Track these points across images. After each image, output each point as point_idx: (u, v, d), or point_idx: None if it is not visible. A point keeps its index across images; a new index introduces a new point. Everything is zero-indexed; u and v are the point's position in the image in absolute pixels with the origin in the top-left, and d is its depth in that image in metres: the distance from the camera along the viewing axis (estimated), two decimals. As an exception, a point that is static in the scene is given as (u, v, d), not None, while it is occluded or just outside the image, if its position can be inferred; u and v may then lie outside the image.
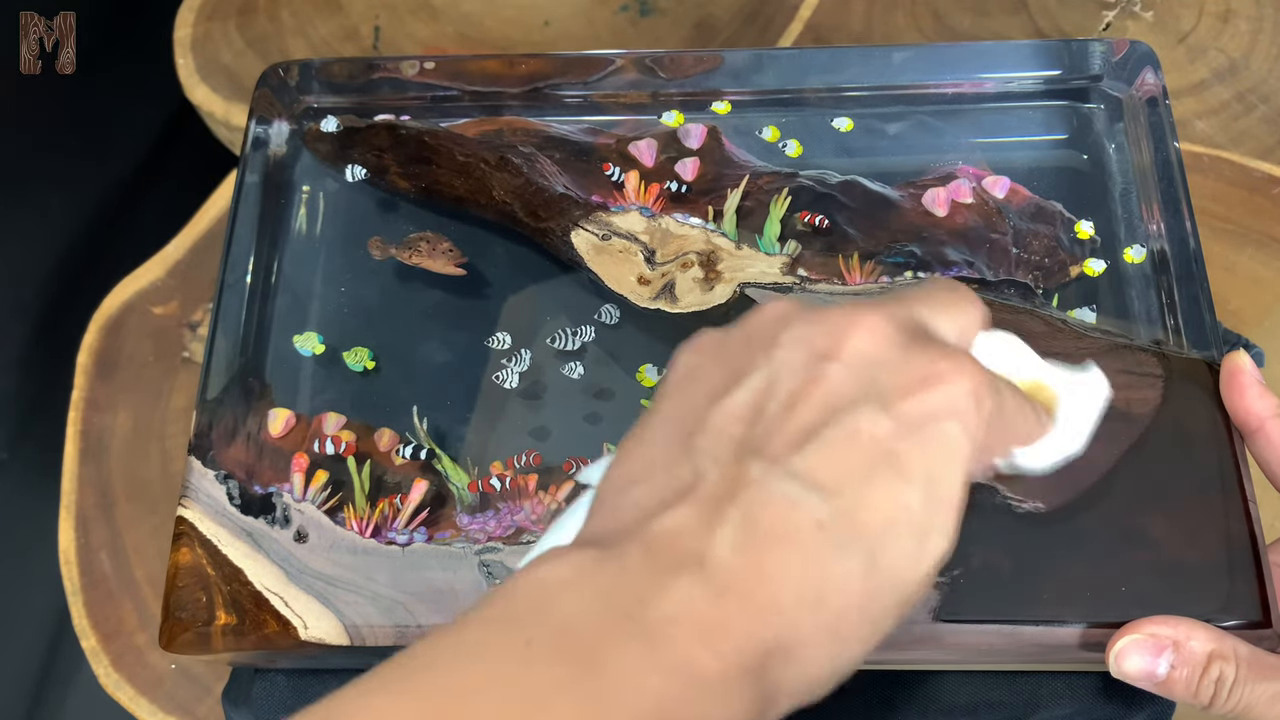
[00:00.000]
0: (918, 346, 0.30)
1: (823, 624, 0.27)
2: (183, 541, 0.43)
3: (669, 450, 0.29)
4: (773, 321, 0.31)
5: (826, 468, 0.28)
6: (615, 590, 0.26)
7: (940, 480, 0.28)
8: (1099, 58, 0.52)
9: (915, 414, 0.28)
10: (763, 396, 0.29)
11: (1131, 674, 0.37)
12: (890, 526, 0.28)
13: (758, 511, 0.27)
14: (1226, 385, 0.42)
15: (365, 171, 0.51)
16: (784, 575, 0.27)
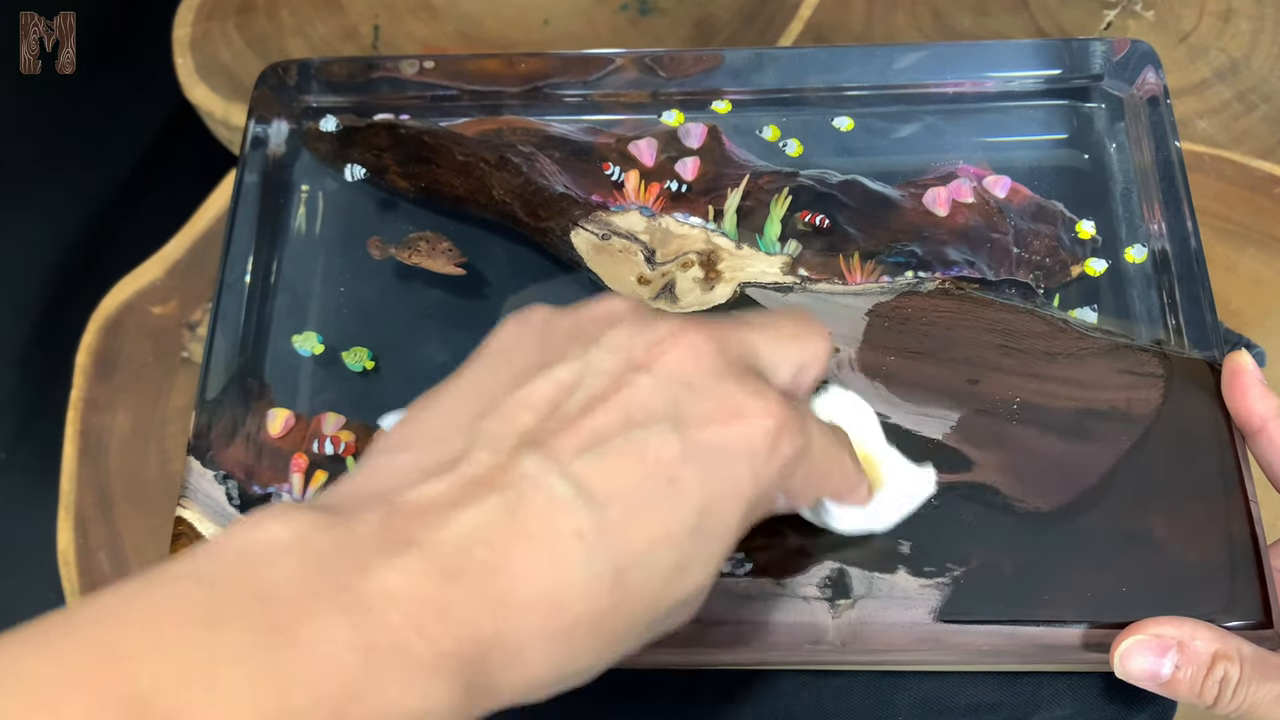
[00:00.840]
0: (733, 377, 0.29)
1: (555, 629, 0.26)
2: (182, 542, 0.43)
3: (452, 422, 0.29)
4: (602, 318, 0.30)
5: (603, 478, 0.27)
6: (334, 557, 0.25)
7: (714, 514, 0.28)
8: (1100, 57, 0.52)
9: (707, 443, 0.28)
10: (564, 392, 0.29)
11: (1135, 674, 0.37)
12: (651, 550, 0.27)
13: (518, 504, 0.27)
14: (1228, 385, 0.42)
15: (365, 171, 0.51)
16: (526, 573, 0.26)
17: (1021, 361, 0.44)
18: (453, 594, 0.25)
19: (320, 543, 0.25)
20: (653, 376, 0.29)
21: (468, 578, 0.26)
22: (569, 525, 0.27)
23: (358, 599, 0.24)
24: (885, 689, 0.43)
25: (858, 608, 0.40)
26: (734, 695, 0.44)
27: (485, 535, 0.26)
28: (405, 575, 0.25)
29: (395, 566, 0.25)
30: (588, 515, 0.27)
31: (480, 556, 0.26)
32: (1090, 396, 0.43)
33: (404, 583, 0.25)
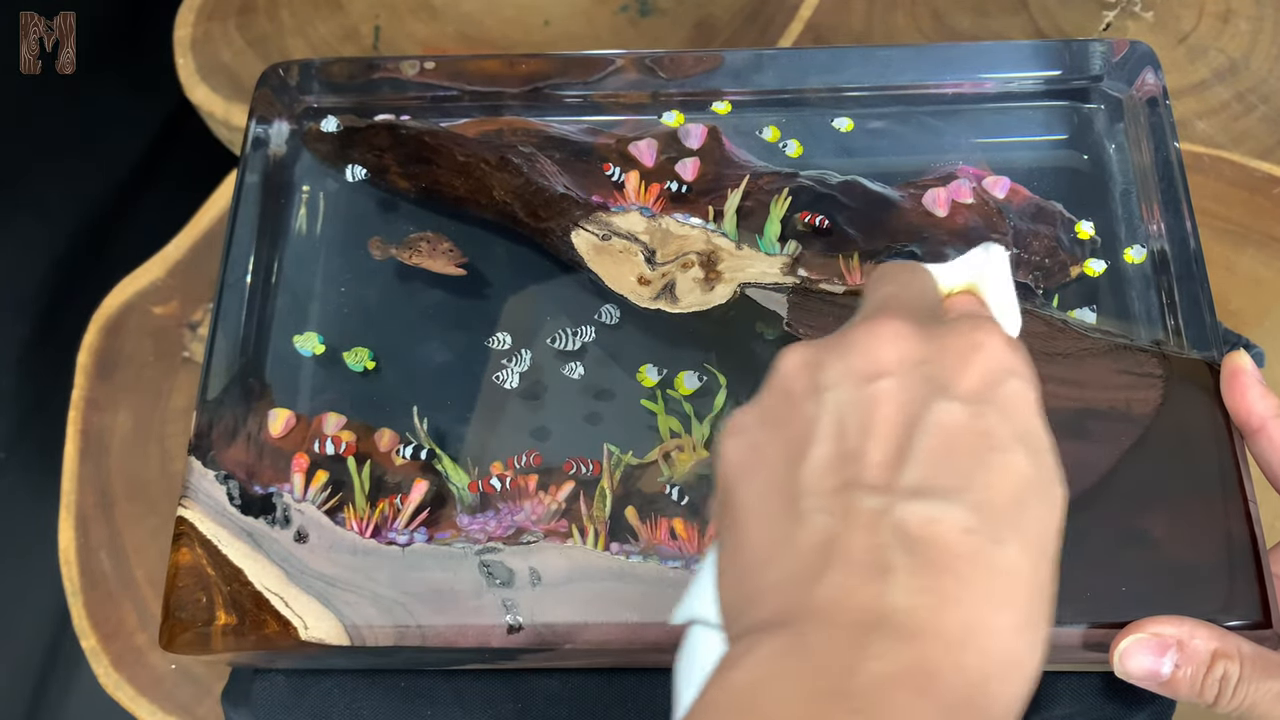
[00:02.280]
0: (938, 327, 0.30)
1: (1016, 618, 0.27)
2: (183, 541, 0.43)
3: (778, 528, 0.28)
4: (802, 369, 0.30)
5: (937, 474, 0.27)
6: (813, 672, 0.25)
7: (1031, 433, 0.29)
8: (1099, 58, 0.52)
9: (979, 386, 0.29)
10: (839, 440, 0.28)
11: (1136, 673, 0.37)
12: (1020, 496, 0.28)
13: (905, 542, 0.26)
14: (1227, 385, 0.42)
15: (365, 171, 0.51)
16: (963, 594, 0.26)
17: (1021, 362, 0.44)
18: (927, 653, 0.25)
19: (792, 665, 0.25)
20: (890, 375, 0.29)
21: (928, 632, 0.26)
22: (954, 529, 0.27)
23: (856, 700, 0.25)
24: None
25: (858, 607, 0.40)
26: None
27: (910, 589, 0.26)
28: (881, 660, 0.25)
29: (868, 658, 0.25)
30: (958, 510, 0.27)
31: (922, 608, 0.26)
32: (1090, 396, 0.43)
33: (885, 666, 0.25)
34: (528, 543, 0.42)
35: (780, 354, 0.31)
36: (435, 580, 0.42)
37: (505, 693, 0.44)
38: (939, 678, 0.25)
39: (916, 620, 0.26)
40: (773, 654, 0.26)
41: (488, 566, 0.42)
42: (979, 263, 0.35)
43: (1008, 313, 0.35)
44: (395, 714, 0.44)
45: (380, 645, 0.41)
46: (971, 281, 0.35)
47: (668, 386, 0.45)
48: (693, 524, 0.43)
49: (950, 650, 0.25)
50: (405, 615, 0.41)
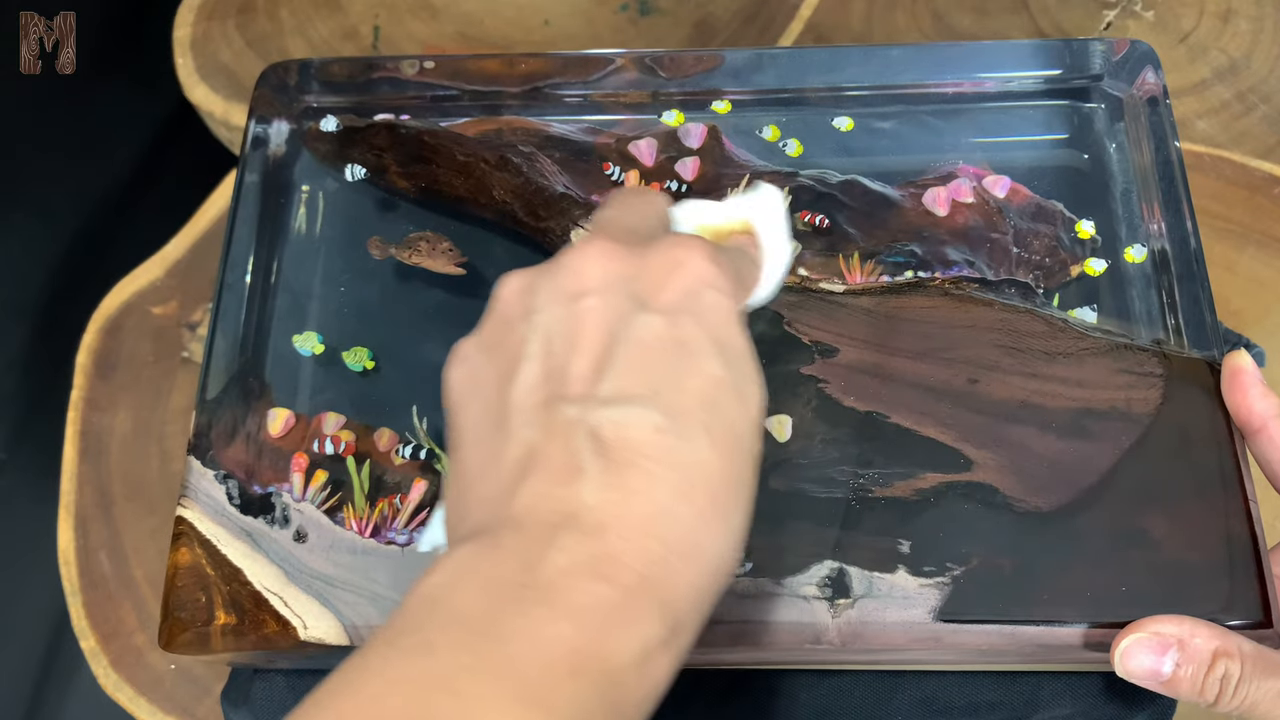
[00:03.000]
0: (645, 247, 0.32)
1: (701, 507, 0.28)
2: (182, 541, 0.43)
3: (489, 446, 0.30)
4: (517, 294, 0.32)
5: (633, 380, 0.29)
6: (501, 571, 0.27)
7: (727, 340, 0.31)
8: (1099, 57, 0.52)
9: (678, 299, 0.31)
10: (546, 358, 0.30)
11: (1136, 673, 0.37)
12: (712, 397, 0.30)
13: (597, 446, 0.28)
14: (1228, 385, 0.42)
15: (365, 171, 0.51)
16: (650, 485, 0.28)
17: (1021, 361, 0.44)
18: (610, 543, 0.27)
19: (482, 566, 0.27)
20: (594, 293, 0.31)
21: (613, 523, 0.28)
22: (645, 428, 0.29)
23: (538, 590, 0.27)
24: (885, 689, 0.43)
25: (857, 607, 0.40)
26: (733, 695, 0.44)
27: (599, 486, 0.28)
28: (567, 551, 0.27)
29: (555, 549, 0.27)
30: (650, 411, 0.29)
31: (609, 503, 0.28)
32: (1090, 396, 0.43)
33: (569, 558, 0.27)
34: (527, 542, 0.42)
35: (499, 281, 0.33)
36: (435, 580, 0.42)
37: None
38: (619, 563, 0.27)
39: (602, 515, 0.28)
40: (464, 556, 0.28)
41: (487, 566, 0.42)
42: (754, 202, 0.38)
43: (779, 248, 0.37)
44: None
45: (380, 645, 0.41)
46: (747, 219, 0.37)
47: (667, 386, 0.45)
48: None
49: (632, 538, 0.28)
50: (405, 615, 0.41)
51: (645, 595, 0.27)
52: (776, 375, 0.45)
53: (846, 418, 0.43)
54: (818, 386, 0.44)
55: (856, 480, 0.42)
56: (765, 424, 0.32)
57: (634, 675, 0.27)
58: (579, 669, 0.26)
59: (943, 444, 0.43)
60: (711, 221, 0.37)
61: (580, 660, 0.26)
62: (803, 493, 0.42)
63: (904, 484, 0.42)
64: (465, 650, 0.26)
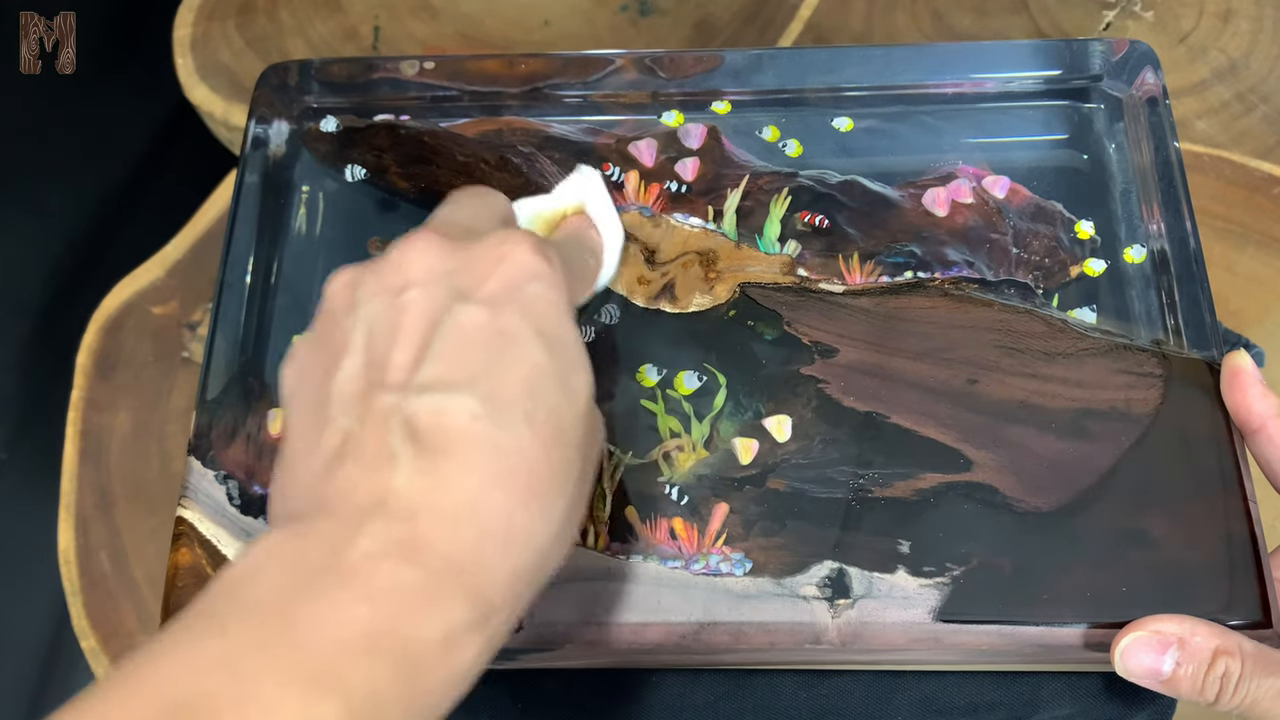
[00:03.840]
0: (471, 241, 0.33)
1: (517, 494, 0.29)
2: (182, 542, 0.43)
3: (311, 434, 0.31)
4: (342, 289, 0.33)
5: (451, 368, 0.30)
6: (306, 555, 0.27)
7: (551, 330, 0.31)
8: (1099, 57, 0.52)
9: (500, 290, 0.31)
10: (368, 349, 0.31)
11: (1136, 672, 0.37)
12: (533, 385, 0.30)
13: (412, 433, 0.29)
14: (1228, 385, 0.42)
15: (365, 171, 0.51)
16: (464, 472, 0.28)
17: (1021, 361, 0.44)
18: (420, 528, 0.28)
19: (287, 550, 0.28)
20: (417, 285, 0.31)
21: (424, 509, 0.28)
22: (461, 415, 0.29)
23: (340, 574, 0.27)
24: (885, 689, 0.43)
25: (857, 607, 0.40)
26: (733, 695, 0.44)
27: (412, 472, 0.28)
28: (373, 536, 0.27)
29: (362, 534, 0.27)
30: (467, 399, 0.29)
31: (421, 489, 0.28)
32: (1090, 396, 0.43)
33: (377, 543, 0.27)
34: (527, 543, 0.42)
35: (328, 278, 0.34)
36: (435, 580, 0.42)
37: (505, 693, 0.44)
38: (428, 548, 0.27)
39: (413, 501, 0.28)
40: (272, 542, 0.28)
41: (487, 566, 0.42)
42: (578, 185, 0.39)
43: (609, 222, 0.39)
44: (394, 714, 0.44)
45: (380, 645, 0.41)
46: (578, 202, 0.39)
47: (668, 386, 0.45)
48: (692, 524, 0.43)
49: (444, 524, 0.28)
50: (405, 615, 0.41)
51: (451, 579, 0.27)
52: (777, 375, 0.45)
53: (846, 418, 0.43)
54: (817, 386, 0.44)
55: (856, 480, 0.42)
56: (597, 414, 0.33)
57: (436, 657, 0.27)
58: (375, 649, 0.26)
59: (942, 444, 0.43)
60: (545, 210, 0.38)
61: (376, 641, 0.26)
62: (802, 493, 0.42)
63: (904, 484, 0.42)
64: (255, 631, 0.26)
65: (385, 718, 0.26)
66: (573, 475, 0.30)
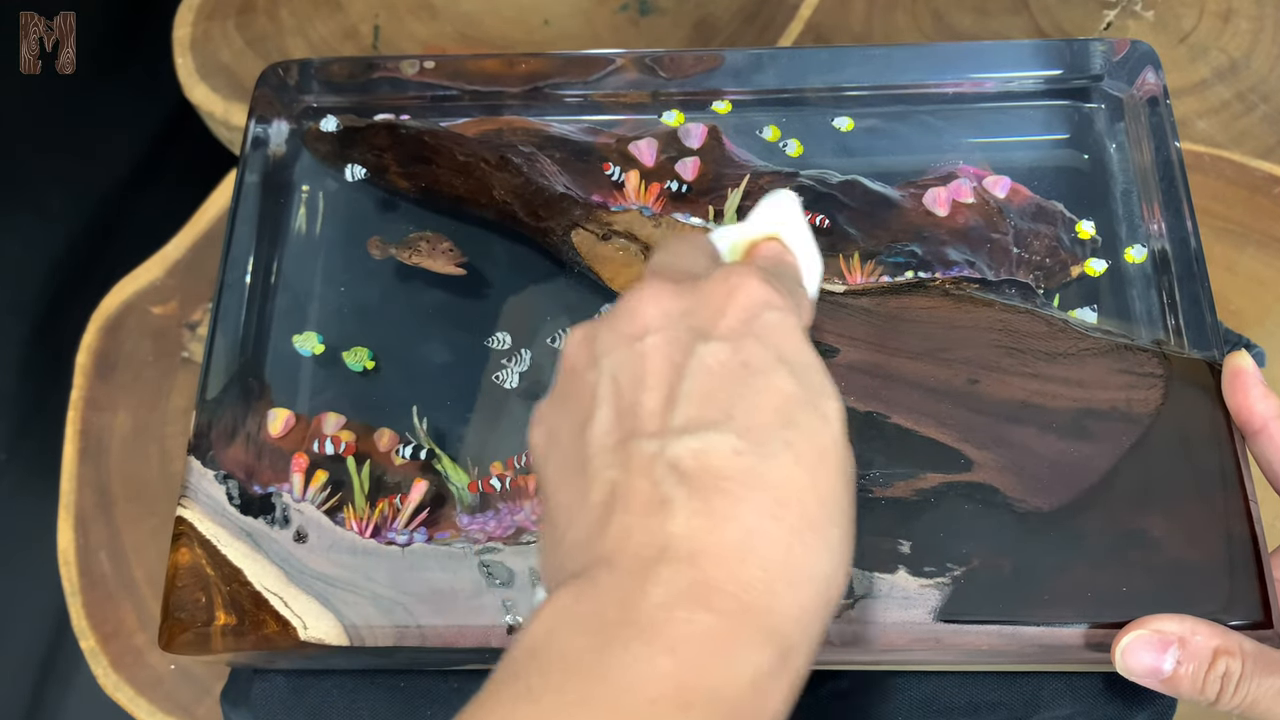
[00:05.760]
0: (698, 282, 0.32)
1: (793, 526, 0.28)
2: (182, 542, 0.43)
3: (575, 492, 0.30)
4: (580, 346, 0.32)
5: (704, 409, 0.29)
6: (598, 610, 0.27)
7: (793, 356, 0.31)
8: (1100, 57, 0.52)
9: (737, 324, 0.31)
10: (616, 400, 0.31)
11: (1137, 671, 0.37)
12: (787, 413, 0.29)
13: (680, 476, 0.28)
14: (1229, 385, 0.42)
15: (365, 171, 0.51)
16: (737, 509, 0.28)
17: (1021, 361, 0.44)
18: (705, 570, 0.27)
19: (579, 609, 0.27)
20: (655, 332, 0.31)
21: (705, 551, 0.27)
22: (723, 453, 0.28)
23: (637, 626, 0.26)
24: (885, 689, 0.43)
25: (858, 608, 0.40)
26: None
27: (686, 516, 0.28)
28: (663, 586, 0.27)
29: (651, 583, 0.27)
30: (726, 436, 0.29)
31: (698, 531, 0.27)
32: (1090, 396, 0.43)
33: (666, 591, 0.27)
34: (528, 543, 0.42)
35: (564, 338, 0.33)
36: (435, 580, 0.42)
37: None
38: (719, 590, 0.27)
39: (694, 543, 0.27)
40: (560, 602, 0.28)
41: (488, 567, 0.42)
42: (773, 212, 0.38)
43: (807, 251, 0.38)
44: (395, 714, 0.44)
45: (380, 645, 0.41)
46: (772, 230, 0.38)
47: (668, 386, 0.45)
48: (693, 524, 0.42)
49: (728, 564, 0.27)
50: (405, 615, 0.41)
51: (747, 620, 0.27)
52: (777, 375, 0.45)
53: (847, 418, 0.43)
54: (818, 387, 0.44)
55: (857, 480, 0.42)
56: None
57: (748, 705, 0.26)
58: (688, 703, 0.25)
59: (943, 444, 0.43)
60: (740, 239, 0.37)
61: (688, 694, 0.25)
62: (803, 493, 0.42)
63: (904, 484, 0.42)
64: (567, 692, 0.25)
65: None
66: (842, 501, 0.29)
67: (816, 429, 0.30)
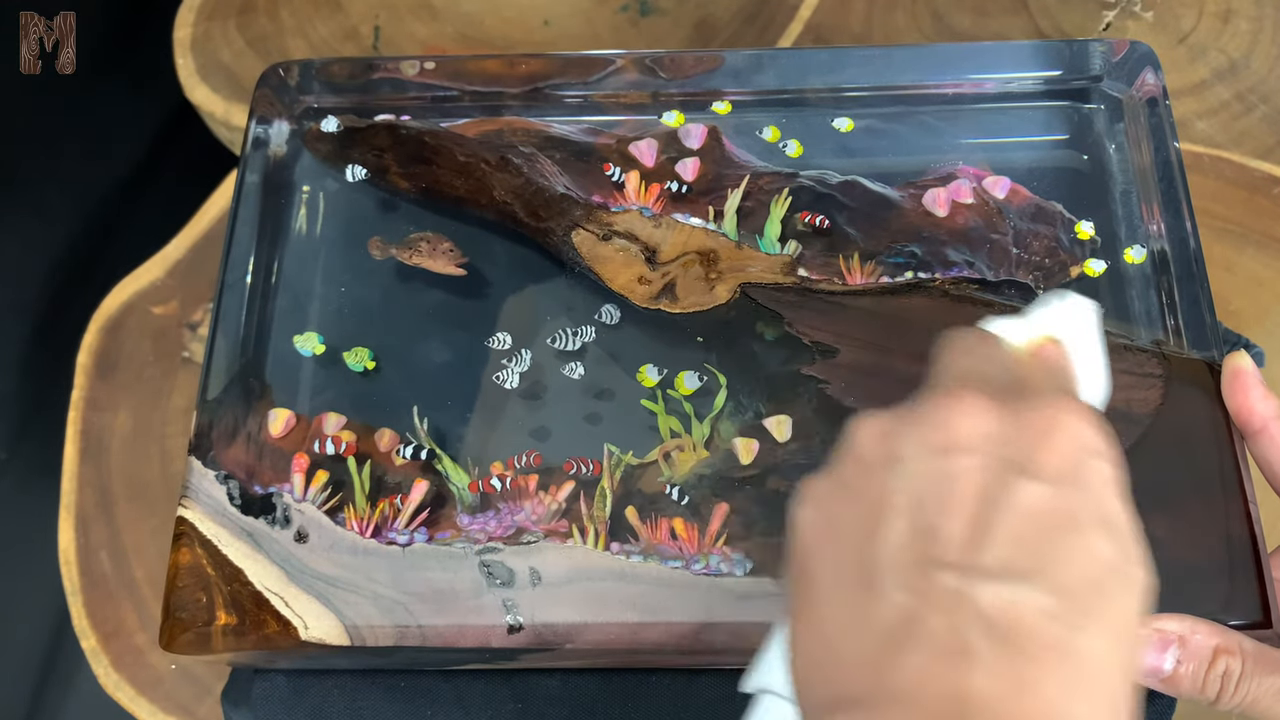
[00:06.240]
0: (1018, 403, 0.29)
1: (1094, 710, 0.26)
2: (183, 541, 0.43)
3: (854, 604, 0.28)
4: (878, 439, 0.30)
5: (1017, 555, 0.27)
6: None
7: (1113, 515, 0.28)
8: (1099, 58, 0.52)
9: (1061, 466, 0.28)
10: (916, 514, 0.28)
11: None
12: (1100, 582, 0.27)
13: (986, 627, 0.26)
14: (1229, 385, 0.42)
15: (365, 171, 0.51)
16: (1044, 681, 0.26)
17: (1021, 362, 0.44)
18: None
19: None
20: (967, 451, 0.28)
21: (1006, 718, 0.25)
22: (1033, 613, 0.26)
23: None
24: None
25: (858, 607, 0.40)
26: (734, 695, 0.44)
27: (992, 674, 0.26)
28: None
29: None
30: (1038, 594, 0.27)
31: (1003, 694, 0.26)
32: (1090, 397, 0.43)
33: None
34: (528, 543, 0.42)
35: (854, 422, 0.30)
36: (435, 580, 0.42)
37: (505, 693, 0.44)
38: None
39: (997, 707, 0.25)
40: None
41: (488, 566, 0.42)
42: (1060, 315, 0.34)
43: (1094, 367, 0.34)
44: (395, 714, 0.44)
45: (380, 645, 0.41)
46: (1053, 332, 0.34)
47: (668, 386, 0.45)
48: (693, 524, 0.43)
49: None
50: (405, 615, 0.41)
51: None
52: (777, 375, 0.45)
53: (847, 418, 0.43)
54: (818, 386, 0.44)
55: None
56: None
57: None
58: None
59: (943, 444, 0.43)
60: (1024, 338, 0.34)
61: None
62: (803, 493, 0.42)
63: (904, 484, 0.42)
64: None
65: None
66: (1133, 680, 0.27)
67: (1125, 603, 0.27)
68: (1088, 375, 0.34)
